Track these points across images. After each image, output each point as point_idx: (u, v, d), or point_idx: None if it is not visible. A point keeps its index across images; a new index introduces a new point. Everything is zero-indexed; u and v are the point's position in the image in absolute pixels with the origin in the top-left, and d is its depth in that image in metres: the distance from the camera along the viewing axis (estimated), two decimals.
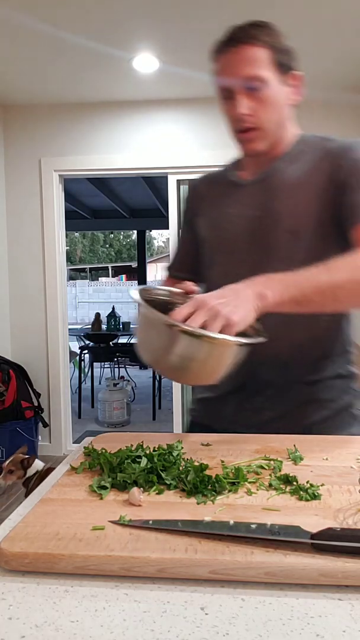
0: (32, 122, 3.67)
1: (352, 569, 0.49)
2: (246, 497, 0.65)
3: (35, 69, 3.09)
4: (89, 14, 2.49)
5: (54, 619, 0.46)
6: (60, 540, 0.55)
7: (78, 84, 3.32)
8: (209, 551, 0.52)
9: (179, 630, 0.44)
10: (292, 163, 1.07)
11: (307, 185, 1.03)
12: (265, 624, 0.45)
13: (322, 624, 0.45)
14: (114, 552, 0.53)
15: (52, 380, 3.77)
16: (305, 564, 0.50)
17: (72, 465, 0.78)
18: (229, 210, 1.13)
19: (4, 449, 3.38)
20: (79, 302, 16.80)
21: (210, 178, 1.24)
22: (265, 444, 0.86)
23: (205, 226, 1.18)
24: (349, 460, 0.77)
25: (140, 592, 0.50)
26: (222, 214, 1.14)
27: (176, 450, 0.78)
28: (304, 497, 0.64)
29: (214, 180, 1.22)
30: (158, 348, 0.79)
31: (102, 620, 0.46)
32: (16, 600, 0.49)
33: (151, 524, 0.58)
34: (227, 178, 1.18)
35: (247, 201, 1.10)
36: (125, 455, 0.75)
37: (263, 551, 0.52)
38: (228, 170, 1.20)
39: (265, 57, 1.00)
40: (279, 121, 1.06)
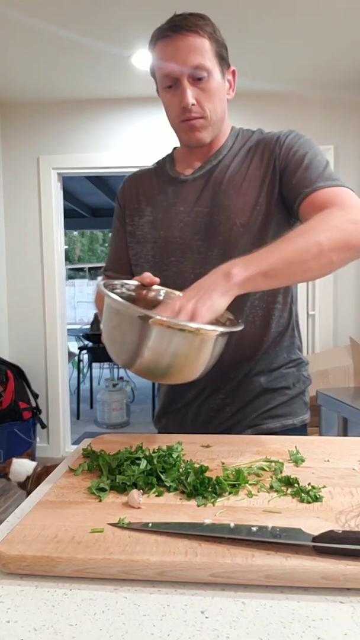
0: (31, 119, 3.67)
1: (353, 571, 0.49)
2: (247, 499, 0.64)
3: (33, 66, 3.09)
4: (87, 11, 2.49)
5: (53, 623, 0.45)
6: (59, 543, 0.54)
7: (76, 81, 3.31)
8: (209, 554, 0.52)
9: (179, 634, 0.44)
10: (232, 157, 1.08)
11: (251, 179, 1.04)
12: (266, 627, 0.44)
13: (323, 627, 0.44)
14: (113, 555, 0.52)
15: (51, 381, 3.77)
16: (306, 566, 0.50)
17: (71, 467, 0.77)
18: (174, 207, 1.10)
19: (2, 451, 3.37)
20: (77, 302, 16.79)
21: (144, 175, 1.19)
22: (266, 446, 0.85)
23: (146, 226, 1.13)
24: (350, 462, 0.77)
25: (139, 596, 0.49)
26: (167, 212, 1.10)
27: (176, 451, 0.77)
28: (306, 499, 0.63)
29: (151, 176, 1.17)
30: (130, 343, 0.75)
31: (101, 623, 0.45)
32: (14, 603, 0.48)
33: (151, 527, 0.57)
34: (166, 174, 1.15)
35: (192, 197, 1.08)
36: (124, 457, 0.75)
37: (264, 554, 0.52)
38: (164, 165, 1.17)
39: (209, 49, 1.00)
40: (221, 113, 1.07)
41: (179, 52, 0.98)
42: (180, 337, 0.72)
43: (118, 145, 3.64)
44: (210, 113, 1.03)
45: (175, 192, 1.11)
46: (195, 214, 1.07)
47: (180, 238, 1.07)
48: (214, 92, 1.02)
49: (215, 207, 1.05)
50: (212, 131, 1.06)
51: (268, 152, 1.05)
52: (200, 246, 1.05)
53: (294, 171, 1.00)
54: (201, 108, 1.02)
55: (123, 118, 3.62)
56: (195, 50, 0.98)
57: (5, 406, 3.40)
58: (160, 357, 0.74)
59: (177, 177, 1.12)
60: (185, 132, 1.05)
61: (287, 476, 0.69)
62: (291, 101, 3.55)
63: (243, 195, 1.03)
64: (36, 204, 3.69)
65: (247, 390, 1.07)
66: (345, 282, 3.61)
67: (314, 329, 3.69)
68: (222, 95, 1.05)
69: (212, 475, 0.68)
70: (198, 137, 1.05)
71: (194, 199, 1.08)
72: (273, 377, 1.09)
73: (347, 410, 2.44)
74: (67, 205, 6.71)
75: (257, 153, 1.07)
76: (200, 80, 1.00)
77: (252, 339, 1.06)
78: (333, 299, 3.62)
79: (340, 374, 2.99)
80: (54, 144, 3.68)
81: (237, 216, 1.02)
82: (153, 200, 1.13)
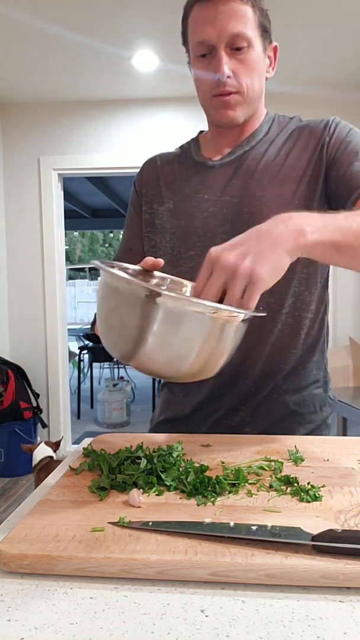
0: (31, 120, 3.67)
1: (353, 570, 0.49)
2: (247, 498, 0.65)
3: (35, 67, 3.09)
4: (88, 12, 2.49)
5: (53, 621, 0.45)
6: (59, 542, 0.55)
7: (77, 82, 3.32)
8: (209, 553, 0.52)
9: (179, 633, 0.44)
10: (267, 144, 0.98)
11: (289, 169, 0.94)
12: (265, 626, 0.44)
13: (323, 626, 0.44)
14: (113, 553, 0.52)
15: (51, 381, 3.77)
16: (306, 565, 0.50)
17: (71, 466, 0.77)
18: (198, 195, 0.98)
19: (3, 450, 3.37)
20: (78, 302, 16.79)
21: (168, 158, 1.07)
22: (266, 445, 0.85)
23: (165, 214, 1.01)
24: (350, 462, 0.77)
25: (139, 594, 0.49)
26: (190, 200, 0.99)
27: (176, 451, 0.77)
28: (305, 498, 0.63)
29: (173, 161, 1.06)
30: (131, 328, 0.60)
31: (101, 622, 0.45)
32: (15, 602, 0.48)
33: (151, 526, 0.57)
34: (191, 158, 1.03)
35: (219, 185, 0.97)
36: (124, 456, 0.75)
37: (264, 553, 0.52)
38: (188, 149, 1.06)
39: (252, 17, 0.90)
40: (259, 91, 0.96)
41: (218, 17, 0.87)
42: (196, 321, 0.58)
43: (118, 146, 3.64)
44: (247, 89, 0.92)
45: (200, 178, 0.99)
46: (222, 203, 0.95)
47: (203, 230, 0.96)
48: (253, 65, 0.91)
49: (246, 198, 0.94)
50: (247, 110, 0.95)
51: (314, 141, 0.94)
52: (225, 240, 0.92)
53: (347, 162, 0.89)
54: (237, 82, 0.91)
55: (124, 119, 3.62)
56: (237, 16, 0.87)
57: (6, 406, 3.40)
58: (169, 346, 0.60)
59: (204, 162, 1.00)
60: (217, 109, 0.94)
61: (287, 475, 0.69)
62: (294, 102, 3.54)
63: (279, 187, 0.93)
64: (37, 205, 3.69)
65: (272, 410, 0.97)
66: (345, 283, 3.61)
67: None
68: (261, 71, 0.95)
69: (212, 475, 0.68)
70: (231, 116, 0.94)
71: (221, 187, 0.97)
72: (301, 398, 0.98)
73: (346, 410, 2.44)
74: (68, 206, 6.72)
75: (299, 141, 0.96)
76: (240, 51, 0.89)
77: (280, 351, 0.95)
78: (333, 299, 3.62)
79: (339, 374, 3.00)
80: (55, 145, 3.68)
81: (270, 209, 0.89)
82: (175, 186, 1.02)
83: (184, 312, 0.58)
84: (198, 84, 0.96)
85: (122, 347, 0.64)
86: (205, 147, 1.04)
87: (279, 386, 0.97)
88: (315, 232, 0.65)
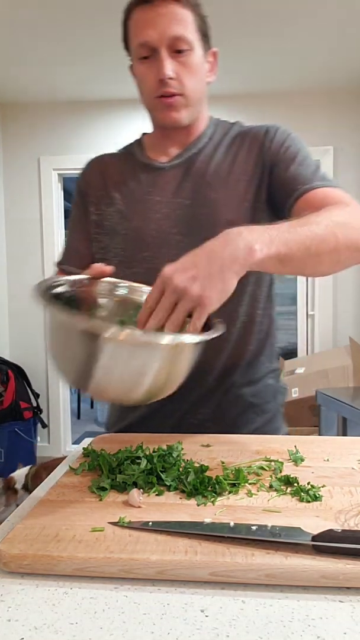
0: (31, 120, 3.68)
1: (353, 570, 0.49)
2: (247, 498, 0.65)
3: (34, 67, 3.09)
4: (88, 12, 2.49)
5: (53, 621, 0.46)
6: (60, 542, 0.55)
7: (77, 82, 3.32)
8: (209, 553, 0.52)
9: (179, 633, 0.44)
10: (214, 147, 1.00)
11: (238, 173, 0.97)
12: (265, 626, 0.44)
13: (323, 626, 0.44)
14: (113, 553, 0.52)
15: (51, 381, 3.77)
16: (306, 565, 0.50)
17: (72, 466, 0.77)
18: (149, 197, 0.99)
19: (3, 450, 3.37)
20: None
21: (111, 159, 1.08)
22: (265, 445, 0.85)
23: (115, 216, 1.00)
24: (350, 462, 0.77)
25: (139, 594, 0.49)
26: (141, 202, 0.99)
27: (176, 451, 0.78)
28: (305, 498, 0.63)
29: (119, 162, 1.06)
30: (80, 361, 0.59)
31: (101, 622, 0.45)
32: (15, 602, 0.48)
33: (151, 526, 0.57)
34: (137, 160, 1.04)
35: (170, 187, 0.98)
36: (124, 456, 0.75)
37: (264, 553, 0.52)
38: (133, 150, 1.07)
39: (192, 21, 0.91)
40: (201, 94, 0.97)
41: (159, 20, 0.89)
42: (148, 352, 0.58)
43: (118, 146, 3.63)
44: (190, 91, 0.93)
45: (150, 180, 1.00)
46: (175, 205, 0.97)
47: (157, 231, 0.97)
48: (195, 68, 0.93)
49: (199, 200, 0.96)
50: (190, 112, 0.96)
51: (257, 146, 0.98)
52: (180, 241, 0.95)
53: (286, 166, 0.94)
54: (180, 84, 0.92)
55: (124, 119, 3.62)
56: (178, 19, 0.89)
57: (6, 406, 3.40)
58: (121, 378, 0.59)
59: (151, 164, 1.02)
60: (160, 110, 0.95)
61: (287, 475, 0.69)
62: (291, 102, 3.55)
63: (231, 190, 0.96)
64: (37, 205, 3.70)
65: (231, 405, 1.00)
66: (345, 283, 3.61)
67: (314, 329, 3.69)
68: (202, 74, 0.97)
69: (212, 475, 0.68)
70: (175, 117, 0.95)
71: (173, 189, 0.98)
72: (257, 389, 1.02)
73: (346, 410, 2.44)
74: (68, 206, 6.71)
75: (243, 146, 0.99)
76: (181, 53, 0.91)
77: (238, 348, 0.99)
78: (333, 299, 3.62)
79: (339, 374, 3.00)
80: (55, 145, 3.68)
81: (223, 211, 0.94)
82: (123, 187, 1.02)
83: (134, 345, 0.58)
84: (141, 85, 0.97)
85: (73, 378, 0.64)
86: (150, 149, 1.05)
87: (236, 381, 1.00)
88: (263, 249, 0.68)
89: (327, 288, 3.61)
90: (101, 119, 3.64)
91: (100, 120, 3.64)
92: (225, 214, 0.94)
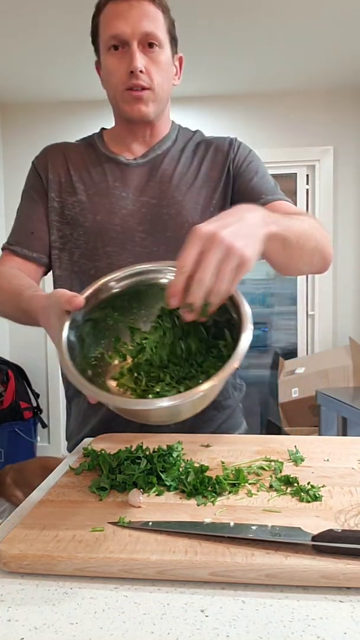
0: (31, 120, 3.67)
1: (353, 570, 0.49)
2: (247, 498, 0.65)
3: (34, 67, 3.09)
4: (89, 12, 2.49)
5: (53, 621, 0.46)
6: (60, 542, 0.55)
7: (77, 82, 3.32)
8: (209, 553, 0.52)
9: (179, 633, 0.44)
10: (179, 152, 1.03)
11: (204, 179, 1.01)
12: (265, 626, 0.44)
13: (323, 626, 0.44)
14: (113, 553, 0.52)
15: (51, 381, 3.77)
16: (306, 565, 0.50)
17: (71, 466, 0.77)
18: (115, 192, 0.99)
19: (3, 450, 3.37)
20: None
21: (73, 147, 1.07)
22: (265, 445, 0.85)
23: (77, 206, 0.99)
24: (350, 462, 0.77)
25: (140, 594, 0.49)
26: (106, 195, 0.98)
27: (176, 451, 0.78)
28: (305, 498, 0.63)
29: (82, 152, 1.05)
30: (130, 415, 0.67)
31: (101, 622, 0.45)
32: (15, 602, 0.48)
33: (151, 526, 0.57)
34: (99, 152, 1.04)
35: (136, 184, 1.00)
36: (124, 456, 0.75)
37: (264, 553, 0.52)
38: (94, 142, 1.07)
39: (162, 21, 0.94)
40: (168, 92, 0.99)
41: (132, 14, 0.91)
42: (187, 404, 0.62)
43: None
44: (158, 86, 0.95)
45: (115, 174, 1.01)
46: (141, 203, 0.98)
47: (122, 227, 0.97)
48: (163, 65, 0.95)
49: (165, 200, 0.98)
50: (157, 108, 0.98)
51: (221, 156, 1.02)
52: (144, 239, 0.97)
53: (249, 177, 0.99)
54: (149, 78, 0.93)
55: None
56: (150, 17, 0.92)
57: (6, 406, 3.40)
58: (163, 417, 0.70)
59: (116, 158, 1.02)
60: (128, 102, 0.96)
61: (287, 475, 0.70)
62: (291, 102, 3.55)
63: (196, 194, 0.99)
64: None
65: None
66: (345, 283, 3.61)
67: (314, 329, 3.69)
68: (170, 74, 0.98)
69: (212, 475, 0.68)
70: (143, 111, 0.96)
71: (140, 187, 0.99)
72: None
73: (346, 410, 2.44)
74: None
75: (208, 154, 1.03)
76: (151, 48, 0.93)
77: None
78: (333, 299, 3.62)
79: (339, 374, 3.00)
80: None
81: (189, 214, 0.97)
82: (87, 178, 1.01)
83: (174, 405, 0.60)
84: (109, 77, 0.97)
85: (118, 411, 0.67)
86: (112, 143, 1.05)
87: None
88: (272, 224, 0.69)
89: (327, 288, 3.61)
90: (101, 120, 3.63)
91: (100, 120, 3.63)
92: (191, 216, 0.97)
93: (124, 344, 0.76)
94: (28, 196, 1.06)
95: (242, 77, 3.30)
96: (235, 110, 3.55)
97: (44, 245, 1.02)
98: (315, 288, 3.65)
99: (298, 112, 3.52)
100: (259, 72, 3.22)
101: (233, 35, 2.71)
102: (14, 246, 1.02)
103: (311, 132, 3.51)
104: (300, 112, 3.53)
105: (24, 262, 1.00)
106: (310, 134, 3.53)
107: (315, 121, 3.54)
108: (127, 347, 0.76)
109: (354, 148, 3.55)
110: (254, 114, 3.49)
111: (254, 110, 3.50)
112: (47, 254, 1.02)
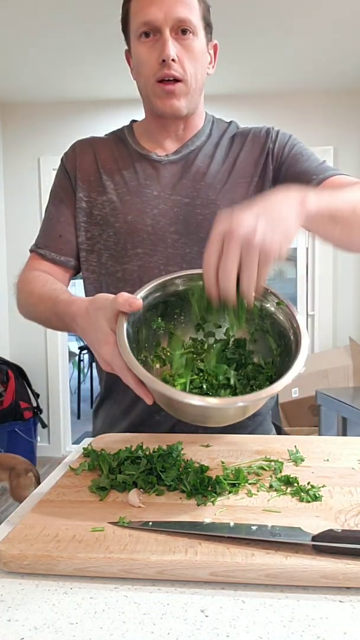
0: (31, 120, 3.68)
1: (353, 570, 0.49)
2: (246, 498, 0.65)
3: (35, 67, 3.09)
4: (89, 12, 2.49)
5: (53, 621, 0.46)
6: (60, 542, 0.55)
7: (77, 81, 3.32)
8: (209, 553, 0.52)
9: (179, 633, 0.44)
10: (213, 146, 0.98)
11: (238, 174, 0.96)
12: (265, 626, 0.44)
13: (323, 626, 0.44)
14: (113, 553, 0.52)
15: (51, 381, 3.77)
16: (306, 565, 0.50)
17: (71, 466, 0.77)
18: (147, 190, 0.95)
19: (3, 450, 3.37)
20: None
21: (102, 143, 1.01)
22: (265, 445, 0.85)
23: (107, 206, 0.96)
24: (350, 462, 0.77)
25: (140, 594, 0.49)
26: (137, 194, 0.94)
27: (176, 451, 0.77)
28: (305, 498, 0.63)
29: (112, 148, 1.00)
30: (169, 406, 0.69)
31: (101, 622, 0.45)
32: (15, 602, 0.48)
33: (151, 526, 0.57)
34: (130, 148, 0.99)
35: (168, 182, 0.95)
36: (124, 456, 0.75)
37: (264, 553, 0.52)
38: (124, 137, 1.01)
39: (197, 7, 0.89)
40: (201, 83, 0.94)
41: (163, 0, 0.85)
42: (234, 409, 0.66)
43: None
44: (191, 77, 0.89)
45: (146, 172, 0.96)
46: (173, 202, 0.94)
47: (153, 227, 0.93)
48: (197, 54, 0.89)
49: (199, 199, 0.93)
50: (189, 102, 0.92)
51: (258, 147, 0.97)
52: (177, 240, 0.93)
53: (295, 163, 0.94)
54: (182, 68, 0.88)
55: (124, 119, 3.60)
56: (184, 2, 0.86)
57: (6, 406, 3.40)
58: (215, 420, 0.72)
59: (148, 155, 0.97)
60: (160, 96, 0.90)
61: (287, 475, 0.69)
62: (292, 102, 3.55)
63: (231, 192, 0.94)
64: (37, 205, 3.70)
65: None
66: (345, 283, 3.61)
67: (314, 329, 3.69)
68: (204, 63, 0.93)
69: (212, 475, 0.68)
70: (176, 105, 0.90)
71: (171, 185, 0.95)
72: None
73: (346, 410, 2.44)
74: None
75: (244, 147, 0.97)
76: (185, 35, 0.87)
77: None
78: (333, 299, 3.62)
79: (339, 374, 3.00)
80: (55, 145, 3.68)
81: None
82: (117, 176, 0.97)
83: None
84: (140, 67, 0.91)
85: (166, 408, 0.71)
86: (143, 138, 1.00)
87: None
88: (314, 203, 0.68)
89: (327, 288, 3.62)
90: (101, 119, 3.64)
91: (100, 120, 3.64)
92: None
93: (163, 349, 0.78)
94: (56, 196, 1.02)
95: (241, 77, 3.30)
96: (235, 110, 3.54)
97: (72, 248, 0.99)
98: (315, 288, 3.65)
99: (298, 112, 3.53)
100: (258, 72, 3.22)
101: (233, 35, 2.71)
102: (42, 249, 1.00)
103: (311, 132, 3.51)
104: (300, 112, 3.53)
105: (52, 265, 0.98)
106: (310, 134, 3.53)
107: (315, 121, 3.54)
108: (166, 352, 0.78)
109: (354, 148, 3.55)
110: (254, 114, 3.49)
111: (254, 110, 3.50)
112: (75, 257, 1.00)
